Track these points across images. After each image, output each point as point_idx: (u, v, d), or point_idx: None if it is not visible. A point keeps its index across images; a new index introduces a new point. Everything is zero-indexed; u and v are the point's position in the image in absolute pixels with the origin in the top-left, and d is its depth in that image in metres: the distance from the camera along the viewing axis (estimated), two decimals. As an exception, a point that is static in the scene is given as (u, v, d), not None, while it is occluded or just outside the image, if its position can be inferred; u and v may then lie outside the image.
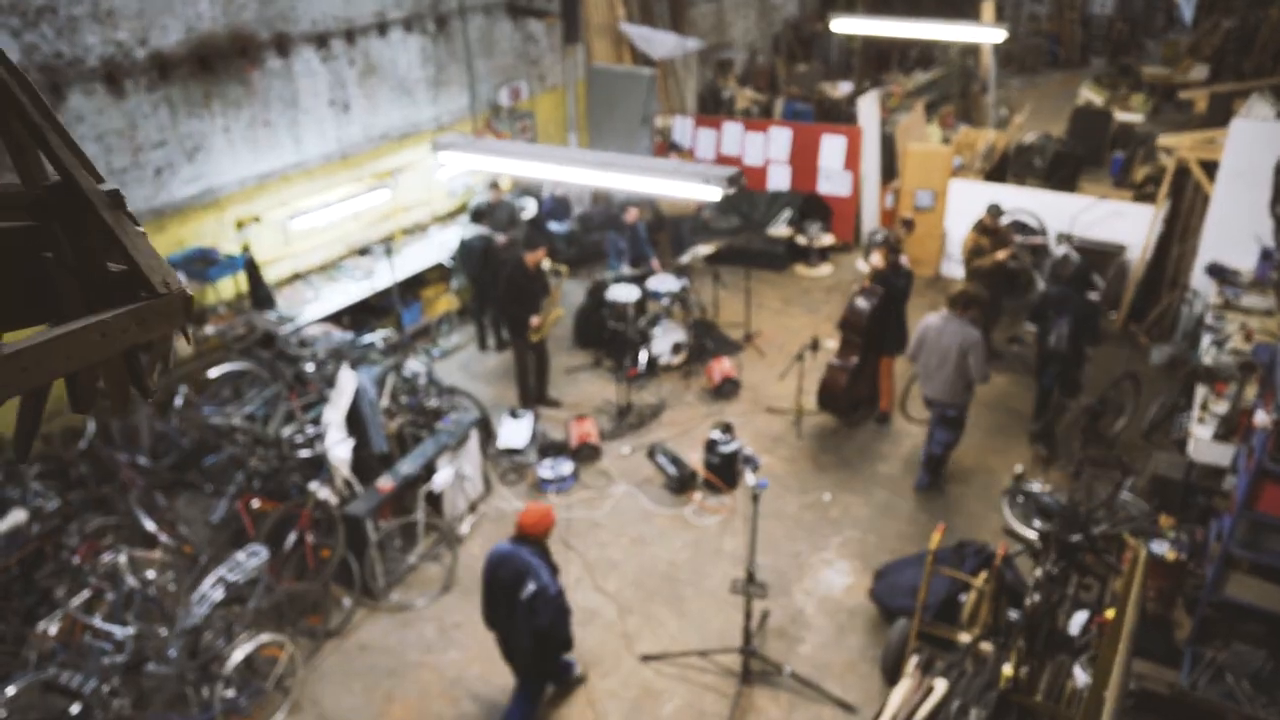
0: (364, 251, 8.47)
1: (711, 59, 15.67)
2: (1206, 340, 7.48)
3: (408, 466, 6.53)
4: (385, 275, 9.70)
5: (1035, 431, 7.96)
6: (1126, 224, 9.87)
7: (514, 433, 7.87)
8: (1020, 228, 9.98)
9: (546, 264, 8.28)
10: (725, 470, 7.39)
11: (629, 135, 13.46)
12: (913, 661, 4.72)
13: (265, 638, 5.33)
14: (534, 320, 8.23)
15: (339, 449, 6.16)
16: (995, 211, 8.91)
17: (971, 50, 16.69)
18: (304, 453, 6.33)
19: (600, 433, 8.13)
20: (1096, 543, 4.70)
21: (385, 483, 6.38)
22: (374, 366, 6.57)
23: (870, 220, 12.00)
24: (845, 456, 7.92)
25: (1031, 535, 5.08)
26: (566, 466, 7.63)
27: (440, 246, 10.16)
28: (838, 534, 6.98)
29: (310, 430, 6.47)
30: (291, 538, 6.24)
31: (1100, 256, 9.75)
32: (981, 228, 8.95)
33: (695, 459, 7.67)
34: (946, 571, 5.46)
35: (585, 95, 13.48)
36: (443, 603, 6.38)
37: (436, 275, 10.59)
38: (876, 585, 6.15)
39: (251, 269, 8.41)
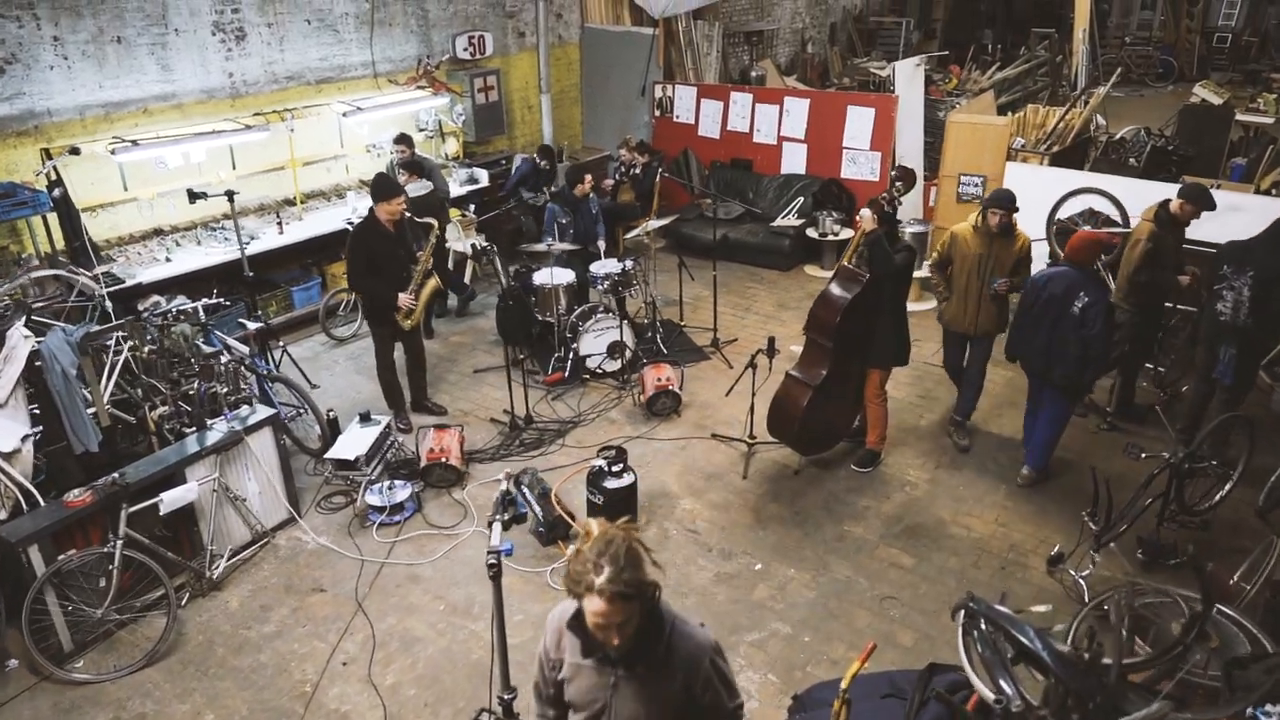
0: (196, 196, 6.51)
1: (738, 33, 13.51)
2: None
3: (126, 476, 4.51)
4: (276, 239, 7.86)
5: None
6: (1244, 222, 7.19)
7: (351, 442, 5.78)
8: (1090, 216, 7.44)
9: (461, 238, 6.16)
10: (611, 514, 5.10)
11: (626, 108, 11.41)
12: None
13: None
14: (403, 299, 6.13)
15: (-9, 440, 4.19)
16: (1197, 196, 5.90)
17: (1063, 48, 14.16)
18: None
19: (465, 453, 5.96)
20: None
21: (77, 495, 4.37)
22: (77, 328, 4.56)
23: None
24: (802, 509, 5.54)
25: (993, 697, 2.61)
26: (403, 492, 5.49)
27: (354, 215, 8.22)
28: (758, 627, 4.61)
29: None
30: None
31: (1204, 264, 7.10)
32: (1167, 220, 5.97)
33: (580, 497, 5.45)
34: (867, 727, 3.08)
35: (581, 62, 11.51)
36: (139, 680, 4.28)
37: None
38: (784, 722, 3.78)
39: (66, 211, 6.63)
